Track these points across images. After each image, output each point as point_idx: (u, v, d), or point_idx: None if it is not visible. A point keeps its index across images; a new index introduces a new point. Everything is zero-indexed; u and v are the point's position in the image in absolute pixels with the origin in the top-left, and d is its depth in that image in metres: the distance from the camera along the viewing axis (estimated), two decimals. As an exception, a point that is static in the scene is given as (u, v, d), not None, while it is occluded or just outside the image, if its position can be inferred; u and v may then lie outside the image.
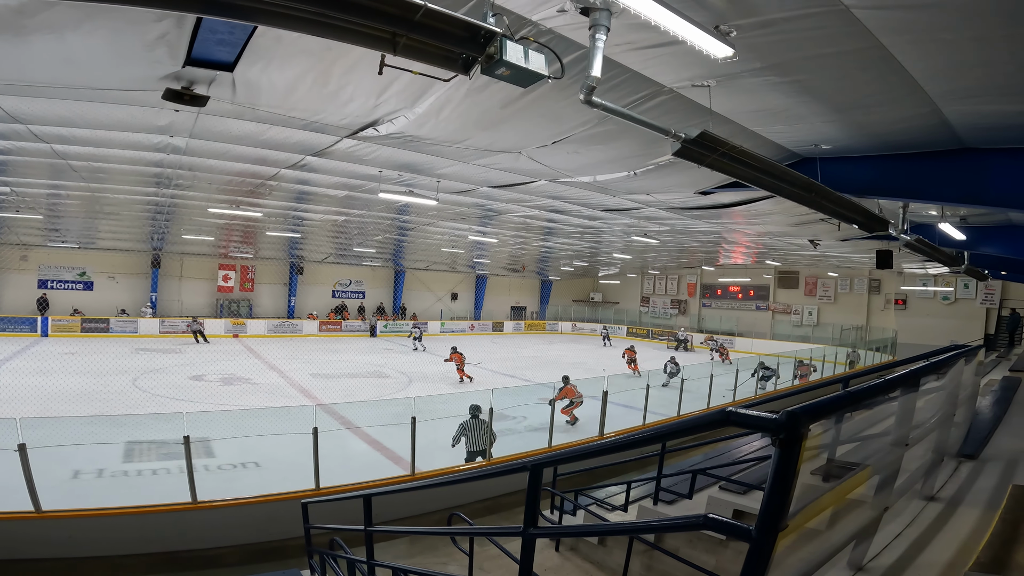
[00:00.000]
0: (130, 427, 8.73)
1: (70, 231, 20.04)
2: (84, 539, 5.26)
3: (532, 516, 1.97)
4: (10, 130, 7.31)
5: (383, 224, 17.30)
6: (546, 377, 16.79)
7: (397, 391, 14.45)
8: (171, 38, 4.28)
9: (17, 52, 4.50)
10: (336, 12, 2.65)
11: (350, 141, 7.49)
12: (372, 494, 3.48)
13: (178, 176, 10.52)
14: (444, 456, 7.52)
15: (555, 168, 8.81)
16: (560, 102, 5.65)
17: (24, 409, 8.36)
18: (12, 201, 13.98)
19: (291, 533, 5.31)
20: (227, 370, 15.93)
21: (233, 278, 26.93)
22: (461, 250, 24.20)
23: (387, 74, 3.68)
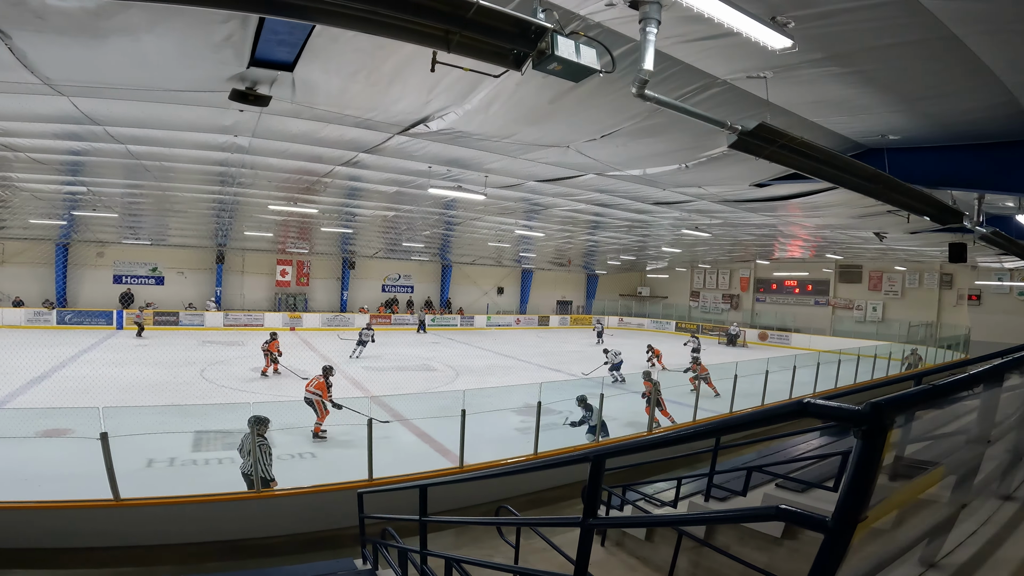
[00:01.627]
0: (198, 417, 9.17)
1: (143, 228, 21.35)
2: (157, 528, 5.43)
3: (592, 506, 1.97)
4: (88, 131, 7.80)
5: (431, 219, 17.59)
6: (595, 371, 16.69)
7: (444, 384, 14.68)
8: (236, 39, 4.47)
9: (95, 55, 4.77)
10: (391, 10, 2.71)
11: (401, 137, 7.65)
12: (428, 484, 3.54)
13: (241, 174, 11.02)
14: (490, 449, 7.62)
15: (604, 162, 8.72)
16: (609, 95, 5.58)
17: (102, 398, 9.00)
18: (89, 200, 15.04)
19: (344, 523, 5.44)
20: (285, 362, 16.61)
21: (290, 273, 28.03)
22: (507, 244, 24.30)
23: (437, 71, 3.74)
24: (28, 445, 6.46)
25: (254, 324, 25.18)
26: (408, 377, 15.32)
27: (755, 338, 28.86)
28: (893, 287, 26.99)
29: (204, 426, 8.66)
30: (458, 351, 21.53)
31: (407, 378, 15.13)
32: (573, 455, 2.58)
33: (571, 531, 4.68)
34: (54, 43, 4.49)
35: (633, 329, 35.25)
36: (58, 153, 9.48)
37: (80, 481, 5.37)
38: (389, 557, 3.80)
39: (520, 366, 18.53)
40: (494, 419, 8.88)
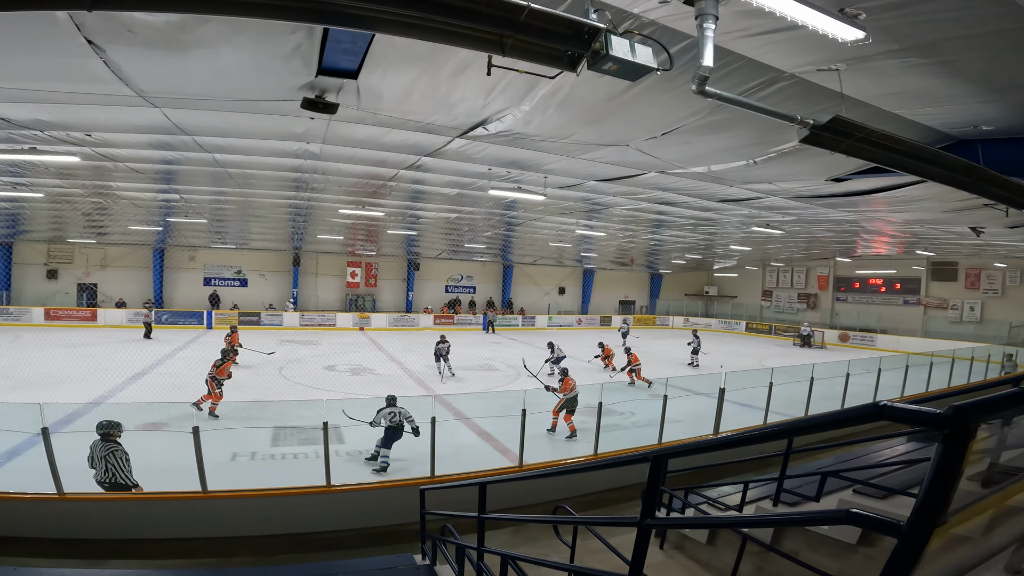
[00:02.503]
0: (277, 413, 9.73)
1: (228, 233, 22.97)
2: (238, 519, 5.66)
3: (650, 507, 1.95)
4: (178, 141, 8.41)
5: (492, 220, 17.80)
6: (654, 373, 16.30)
7: (505, 384, 14.80)
8: (304, 49, 4.69)
9: (181, 67, 5.11)
10: (444, 16, 2.78)
11: (461, 141, 7.80)
12: (487, 482, 3.60)
13: (313, 180, 11.61)
14: (549, 449, 7.61)
15: (665, 159, 8.50)
16: (668, 93, 5.44)
17: (194, 394, 9.79)
18: (181, 207, 16.34)
19: (405, 519, 5.56)
20: (355, 361, 17.33)
21: (359, 274, 29.24)
22: (568, 244, 24.19)
23: (494, 74, 3.80)
24: (128, 438, 7.02)
25: (327, 324, 26.45)
26: (470, 376, 15.57)
27: (835, 339, 27.13)
28: (992, 285, 24.57)
29: (282, 422, 9.13)
30: (519, 351, 21.60)
31: (469, 377, 15.38)
32: (632, 455, 2.55)
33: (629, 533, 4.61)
34: (145, 57, 4.82)
35: (700, 330, 33.89)
36: (153, 162, 10.32)
37: (172, 473, 5.70)
38: (447, 553, 3.89)
39: (581, 366, 18.31)
40: None
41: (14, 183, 12.50)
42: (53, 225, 21.07)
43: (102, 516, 5.38)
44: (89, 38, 4.27)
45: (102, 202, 15.28)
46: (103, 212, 17.32)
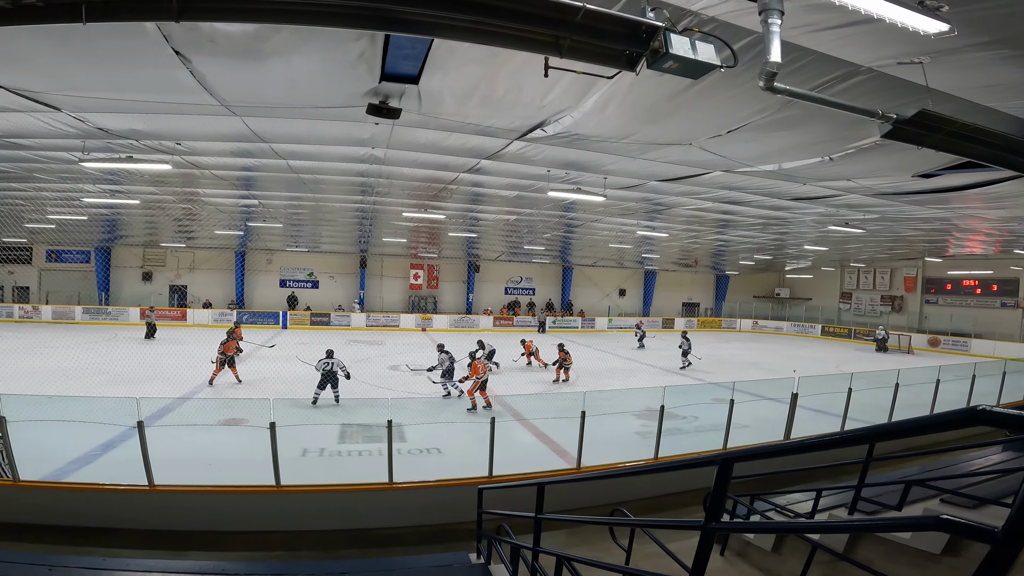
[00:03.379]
0: (344, 411, 10.15)
1: (301, 236, 24.24)
2: (305, 514, 5.82)
3: (716, 510, 1.92)
4: (257, 148, 8.94)
5: (551, 222, 17.79)
6: (720, 376, 15.74)
7: (564, 386, 14.74)
8: (368, 56, 4.87)
9: (257, 76, 5.41)
10: (498, 20, 2.82)
11: (520, 143, 7.86)
12: (546, 482, 3.59)
13: (378, 184, 12.04)
14: (608, 452, 7.53)
15: (731, 158, 8.20)
16: (733, 90, 5.25)
17: (270, 391, 10.41)
18: (260, 212, 17.41)
19: (461, 517, 5.62)
20: (417, 361, 17.79)
21: (422, 276, 30.06)
22: (629, 246, 23.77)
23: (551, 75, 3.80)
24: (211, 432, 7.40)
25: (391, 325, 27.35)
26: (528, 378, 15.61)
27: (925, 344, 25.14)
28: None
29: (349, 420, 9.48)
30: (578, 353, 21.42)
31: (527, 379, 15.42)
32: (699, 458, 2.50)
33: (687, 538, 4.50)
34: (226, 66, 5.15)
35: (770, 333, 32.52)
36: (234, 169, 11.05)
37: (247, 467, 5.97)
38: (502, 552, 3.92)
39: (642, 369, 18.02)
40: (613, 422, 8.78)
41: (113, 190, 13.74)
42: (148, 230, 23.00)
43: (183, 508, 5.68)
44: (176, 49, 4.60)
45: (191, 208, 16.53)
46: (192, 217, 18.74)
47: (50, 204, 16.11)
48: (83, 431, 6.43)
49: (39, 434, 6.02)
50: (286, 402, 7.32)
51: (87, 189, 13.29)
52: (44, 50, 4.57)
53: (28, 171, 10.92)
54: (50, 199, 15.09)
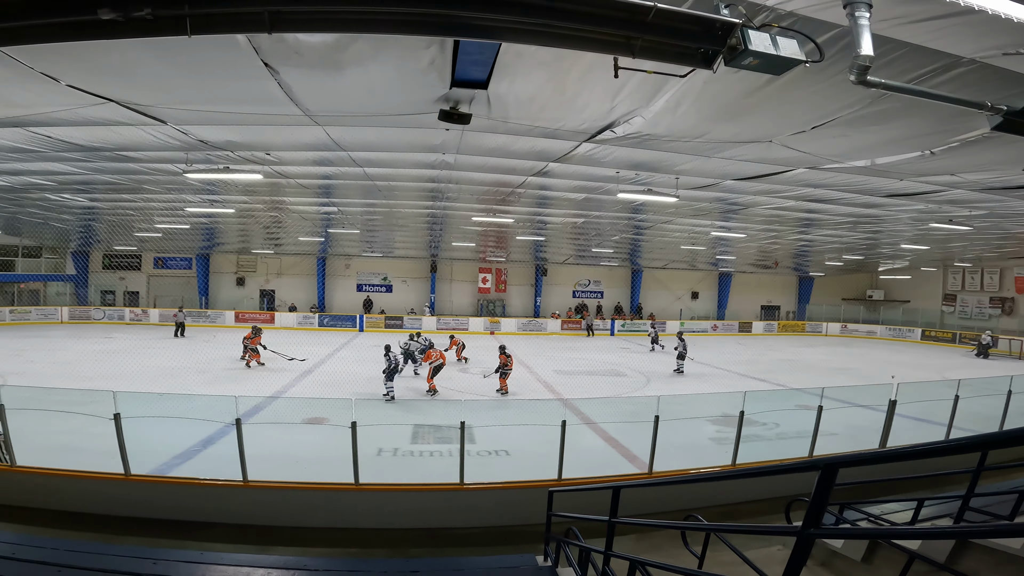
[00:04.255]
0: (417, 412, 10.46)
1: (376, 242, 25.29)
2: (379, 511, 5.97)
3: (816, 516, 1.86)
4: (336, 157, 9.37)
5: (620, 224, 17.50)
6: (804, 382, 14.85)
7: (634, 390, 14.44)
8: (438, 63, 4.98)
9: (337, 86, 5.64)
10: (566, 22, 2.80)
11: (588, 145, 7.79)
12: (621, 486, 3.56)
13: (448, 189, 12.34)
14: (680, 457, 7.34)
15: (816, 154, 7.72)
16: (818, 84, 4.94)
17: (348, 391, 10.92)
18: (339, 219, 18.33)
19: (528, 519, 5.60)
20: (486, 364, 18.05)
21: (490, 280, 30.49)
22: (702, 247, 22.92)
23: (621, 76, 3.76)
24: (296, 430, 7.78)
25: (461, 328, 27.87)
26: (596, 381, 15.43)
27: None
28: None
29: (421, 420, 9.76)
30: (649, 357, 20.98)
31: (595, 382, 15.24)
32: (796, 463, 2.41)
33: (763, 546, 4.27)
34: (309, 77, 5.40)
35: (861, 337, 30.28)
36: (316, 178, 11.65)
37: (326, 465, 6.19)
38: (570, 556, 3.90)
39: (717, 374, 17.35)
40: (686, 427, 8.55)
41: (211, 200, 14.95)
42: (240, 237, 24.84)
43: (271, 503, 5.95)
44: (266, 60, 4.89)
45: (278, 216, 17.69)
46: (279, 225, 20.05)
47: (157, 214, 17.76)
48: (187, 427, 6.93)
49: (148, 430, 6.49)
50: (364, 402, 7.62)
51: (188, 199, 14.51)
52: (153, 64, 4.99)
53: (138, 183, 12.04)
54: (157, 209, 16.61)
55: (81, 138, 7.93)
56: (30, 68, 4.85)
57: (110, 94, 5.82)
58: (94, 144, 8.35)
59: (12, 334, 20.94)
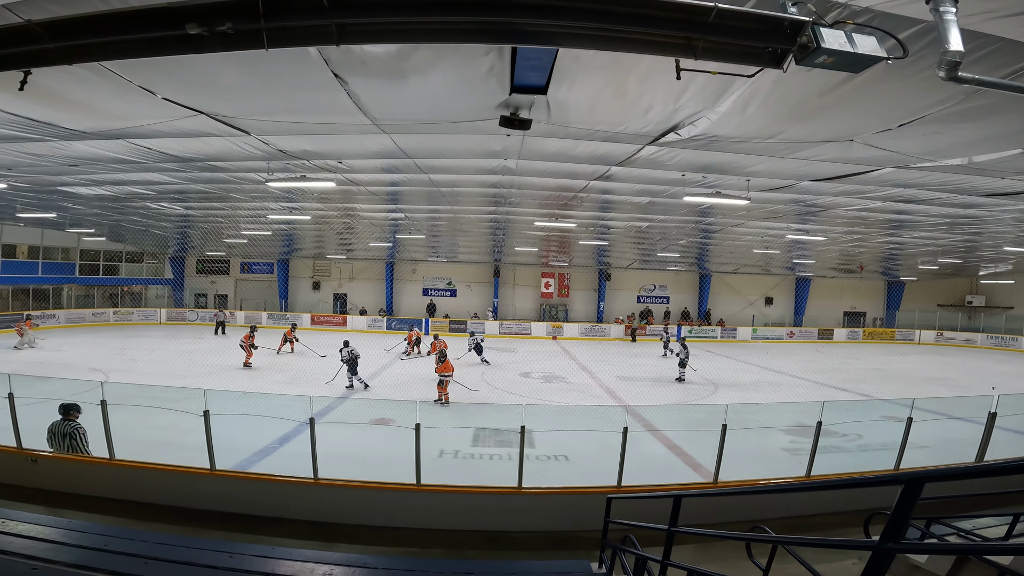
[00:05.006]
0: (479, 415, 10.58)
1: (441, 247, 25.91)
2: (438, 512, 6.01)
3: (896, 530, 1.77)
4: (403, 164, 9.66)
5: (686, 228, 16.97)
6: (891, 392, 13.82)
7: (700, 398, 13.94)
8: (497, 69, 5.03)
9: (401, 95, 5.80)
10: (623, 25, 2.75)
11: (652, 148, 7.62)
12: (683, 495, 3.49)
13: (510, 194, 12.44)
14: (748, 467, 7.04)
15: (905, 153, 7.16)
16: (903, 81, 4.58)
17: (414, 394, 11.23)
18: (406, 225, 18.94)
19: (584, 526, 5.53)
20: (547, 369, 18.03)
21: (552, 285, 30.45)
22: (777, 251, 21.78)
23: (684, 77, 3.65)
24: (363, 430, 8.07)
25: (523, 333, 28.05)
26: (661, 388, 15.06)
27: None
28: None
29: (482, 424, 9.88)
30: (717, 364, 20.19)
31: (660, 389, 14.89)
32: (877, 476, 2.30)
33: (838, 561, 3.99)
34: (375, 86, 5.57)
35: (959, 346, 27.73)
36: (384, 185, 12.07)
37: (389, 465, 6.32)
38: (626, 563, 3.83)
39: (792, 383, 16.47)
40: (756, 436, 8.31)
41: (290, 207, 15.87)
42: (316, 243, 26.22)
43: (338, 501, 6.12)
44: (335, 71, 5.11)
45: (349, 222, 18.54)
46: (350, 231, 21.00)
47: (243, 221, 19.08)
48: (267, 425, 7.30)
49: (233, 427, 6.83)
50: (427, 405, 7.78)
51: (270, 206, 15.51)
52: (236, 77, 5.33)
53: (226, 191, 13.00)
54: (243, 216, 17.85)
55: (176, 149, 8.63)
56: (129, 81, 5.30)
57: (200, 106, 6.29)
58: (188, 155, 9.06)
59: (116, 334, 23.13)
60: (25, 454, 6.30)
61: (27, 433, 6.36)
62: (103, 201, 14.87)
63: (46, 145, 8.18)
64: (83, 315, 26.23)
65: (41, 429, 6.23)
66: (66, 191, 13.09)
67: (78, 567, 2.36)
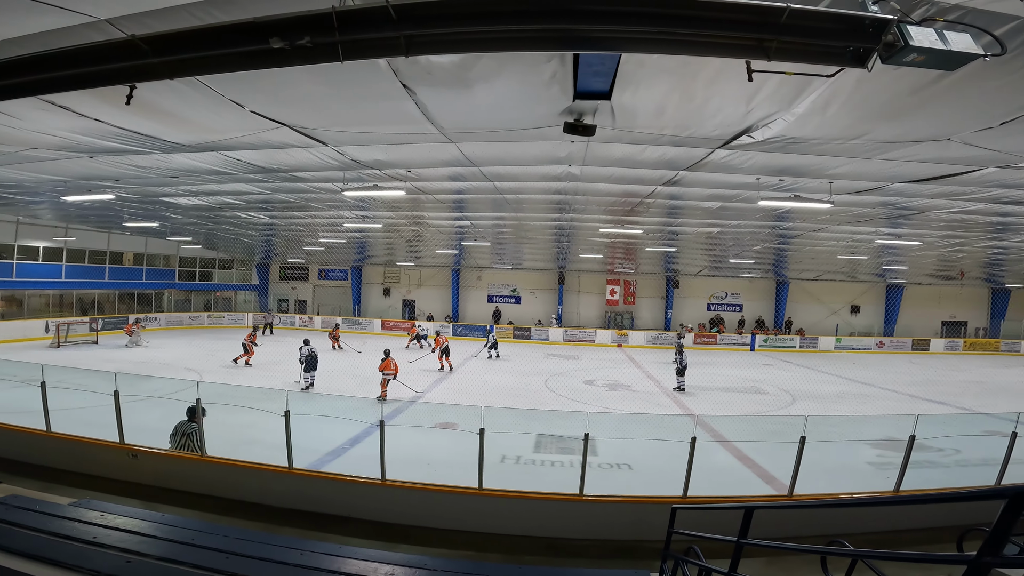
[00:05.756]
0: (540, 421, 10.54)
1: (505, 254, 26.14)
2: (498, 517, 6.01)
3: (996, 545, 1.73)
4: (468, 172, 9.81)
5: (761, 233, 16.17)
6: (995, 406, 12.57)
7: (777, 409, 13.24)
8: (560, 76, 5.01)
9: (466, 103, 5.88)
10: (688, 29, 2.68)
11: (723, 151, 7.35)
12: (755, 507, 3.39)
13: (575, 201, 12.35)
14: (827, 481, 6.66)
15: (1010, 152, 6.51)
16: (1004, 77, 4.17)
17: (477, 399, 11.36)
18: (471, 232, 19.27)
19: (646, 536, 5.45)
20: (612, 377, 17.74)
21: (618, 292, 29.93)
22: (864, 257, 20.29)
23: (756, 78, 3.51)
24: (428, 433, 8.26)
25: (587, 340, 27.74)
26: (732, 399, 14.47)
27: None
28: None
29: (545, 430, 9.85)
30: (796, 375, 19.11)
31: (731, 400, 14.32)
32: (976, 491, 2.27)
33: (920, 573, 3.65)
34: (441, 95, 5.69)
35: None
36: (450, 193, 12.31)
37: (452, 468, 6.42)
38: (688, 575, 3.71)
39: (882, 395, 15.41)
40: (838, 450, 7.91)
41: (363, 216, 16.57)
42: (386, 251, 27.21)
43: (402, 503, 6.26)
44: (403, 82, 5.27)
45: (418, 230, 19.11)
46: (419, 238, 21.65)
47: (320, 229, 20.15)
48: (340, 426, 7.61)
49: (309, 427, 7.15)
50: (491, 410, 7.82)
51: (345, 215, 16.27)
52: (315, 89, 5.61)
53: (305, 200, 13.76)
54: (320, 225, 18.83)
55: (262, 160, 9.23)
56: (221, 95, 5.72)
57: (283, 118, 6.69)
58: (272, 166, 9.67)
59: (208, 336, 25.05)
60: (126, 449, 6.85)
61: (128, 429, 6.91)
62: (199, 211, 16.16)
63: (149, 158, 8.93)
64: (181, 318, 28.64)
65: (143, 425, 6.81)
66: (167, 201, 14.32)
67: (167, 560, 2.53)
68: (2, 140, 7.74)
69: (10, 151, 8.52)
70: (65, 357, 17.14)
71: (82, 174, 10.52)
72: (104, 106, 6.06)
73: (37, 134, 7.41)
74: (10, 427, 7.41)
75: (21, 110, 6.34)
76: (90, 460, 6.94)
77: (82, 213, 18.49)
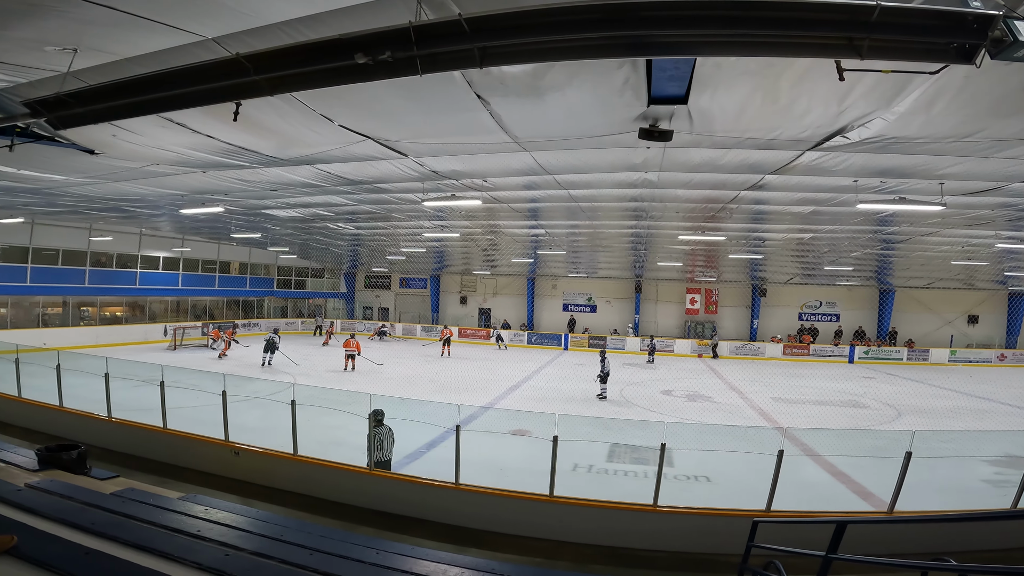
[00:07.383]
0: (615, 431, 10.39)
1: (581, 263, 25.94)
2: (567, 524, 6.01)
3: None
4: (543, 181, 9.86)
5: (860, 238, 14.99)
6: None
7: (879, 423, 12.22)
8: (633, 82, 4.95)
9: (540, 112, 5.92)
10: (768, 30, 2.58)
11: (813, 154, 6.93)
12: (847, 522, 3.26)
13: (652, 208, 12.07)
14: (936, 498, 6.12)
15: None
16: None
17: (550, 406, 11.35)
18: (546, 241, 19.33)
19: (722, 549, 5.30)
20: (692, 387, 17.09)
21: (699, 301, 28.77)
22: (983, 262, 18.25)
23: (848, 77, 3.31)
24: (502, 439, 8.28)
25: (666, 350, 26.86)
26: (827, 412, 13.52)
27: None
28: None
29: (619, 440, 9.70)
30: (902, 388, 17.52)
31: (826, 413, 13.40)
32: None
33: None
34: (515, 105, 5.76)
35: None
36: (524, 201, 12.43)
37: (524, 475, 6.44)
38: (769, 590, 3.54)
39: (1003, 410, 14.02)
40: (949, 467, 7.35)
41: (441, 225, 17.10)
42: (463, 259, 27.88)
43: (474, 506, 6.34)
44: (478, 93, 5.39)
45: (493, 238, 19.45)
46: (494, 247, 22.01)
47: (402, 239, 21.02)
48: (418, 430, 7.83)
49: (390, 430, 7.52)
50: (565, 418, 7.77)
51: (425, 224, 16.89)
52: (396, 103, 5.86)
53: (388, 211, 14.40)
54: (402, 235, 19.66)
55: (349, 172, 9.77)
56: (312, 110, 6.10)
57: (367, 131, 7.05)
58: (358, 178, 10.23)
59: (301, 341, 26.78)
60: (230, 447, 7.41)
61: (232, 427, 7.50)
62: (294, 222, 17.42)
63: (252, 172, 9.75)
64: (278, 324, 30.90)
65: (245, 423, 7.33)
66: (267, 213, 15.57)
67: (259, 555, 2.68)
68: (128, 156, 8.64)
69: (135, 166, 9.50)
70: (180, 359, 18.96)
71: (197, 188, 11.65)
72: (214, 122, 6.61)
73: (157, 150, 8.18)
74: (131, 423, 8.26)
75: (143, 127, 6.97)
76: (199, 456, 7.57)
77: (196, 225, 20.45)
